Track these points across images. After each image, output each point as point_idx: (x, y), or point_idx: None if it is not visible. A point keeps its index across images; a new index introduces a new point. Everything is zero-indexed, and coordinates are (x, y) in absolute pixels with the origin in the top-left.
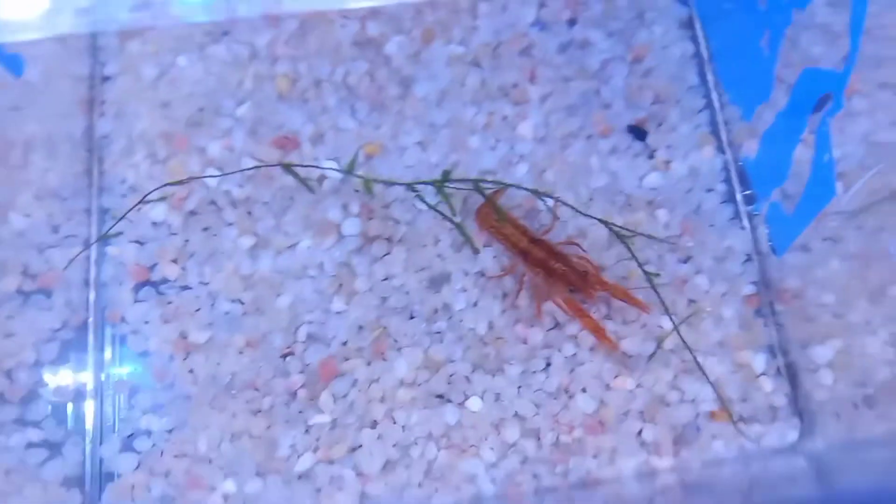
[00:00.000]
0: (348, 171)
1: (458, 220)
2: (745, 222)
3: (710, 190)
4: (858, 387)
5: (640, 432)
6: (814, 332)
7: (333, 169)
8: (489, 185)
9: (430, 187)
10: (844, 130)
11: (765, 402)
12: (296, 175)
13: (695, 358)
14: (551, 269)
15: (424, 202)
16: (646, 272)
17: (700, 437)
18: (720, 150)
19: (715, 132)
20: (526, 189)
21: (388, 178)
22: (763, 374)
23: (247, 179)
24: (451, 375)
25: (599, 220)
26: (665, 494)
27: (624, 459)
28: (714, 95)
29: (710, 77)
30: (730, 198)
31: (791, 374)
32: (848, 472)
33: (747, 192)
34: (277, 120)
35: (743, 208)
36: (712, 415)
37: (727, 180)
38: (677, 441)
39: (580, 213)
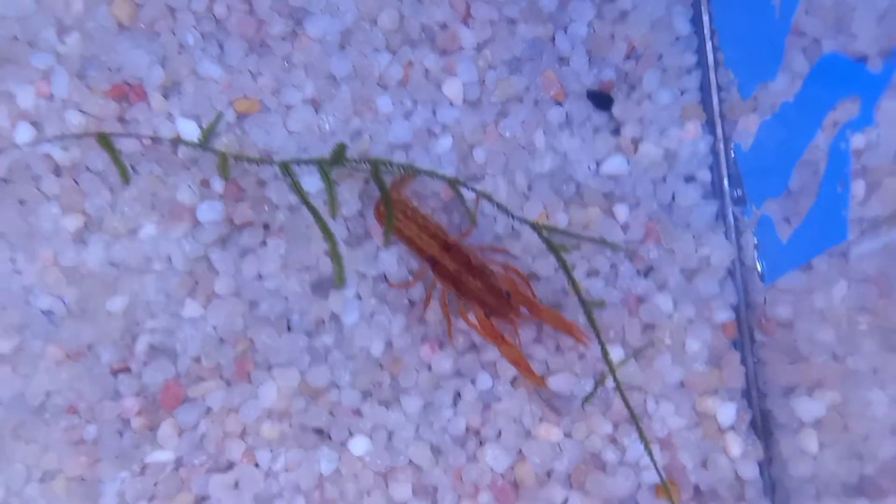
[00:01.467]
0: (204, 140)
1: (353, 211)
2: (731, 226)
3: (689, 179)
4: (853, 461)
5: (564, 503)
6: (802, 378)
7: (188, 142)
8: (396, 169)
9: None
10: (882, 108)
11: (729, 471)
12: (112, 154)
13: (631, 412)
14: (463, 286)
15: (299, 193)
16: (582, 301)
17: None
18: (709, 127)
19: (705, 102)
20: (442, 177)
21: (263, 147)
22: (731, 428)
23: (74, 139)
24: (333, 405)
25: (530, 225)
26: None
27: None
28: (708, 50)
29: (706, 26)
30: (715, 192)
31: (766, 433)
32: None
33: (738, 193)
34: (115, 60)
35: (731, 207)
36: (657, 491)
37: (714, 168)
38: None
39: (507, 213)
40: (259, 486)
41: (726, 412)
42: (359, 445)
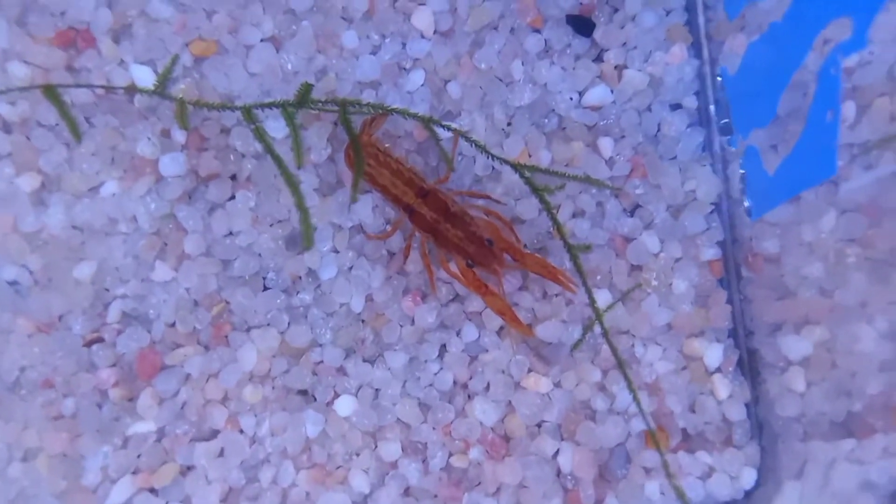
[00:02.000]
0: (160, 86)
1: (323, 158)
2: (718, 157)
3: (675, 107)
4: (840, 398)
5: (555, 454)
6: (789, 314)
7: (144, 89)
8: (366, 109)
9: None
10: (876, 24)
11: (717, 414)
12: (60, 107)
13: (619, 360)
14: (442, 235)
15: (262, 140)
16: (568, 245)
17: (630, 472)
18: (695, 50)
19: (691, 23)
20: (415, 116)
21: (224, 92)
22: (717, 370)
23: (21, 93)
24: (316, 365)
25: (511, 166)
26: None
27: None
28: None
29: None
30: (701, 121)
31: (753, 373)
32: None
33: (724, 121)
34: (58, 3)
35: (717, 137)
36: (647, 438)
37: (700, 94)
38: (601, 476)
39: (487, 152)
40: (245, 453)
41: (713, 354)
42: (345, 405)
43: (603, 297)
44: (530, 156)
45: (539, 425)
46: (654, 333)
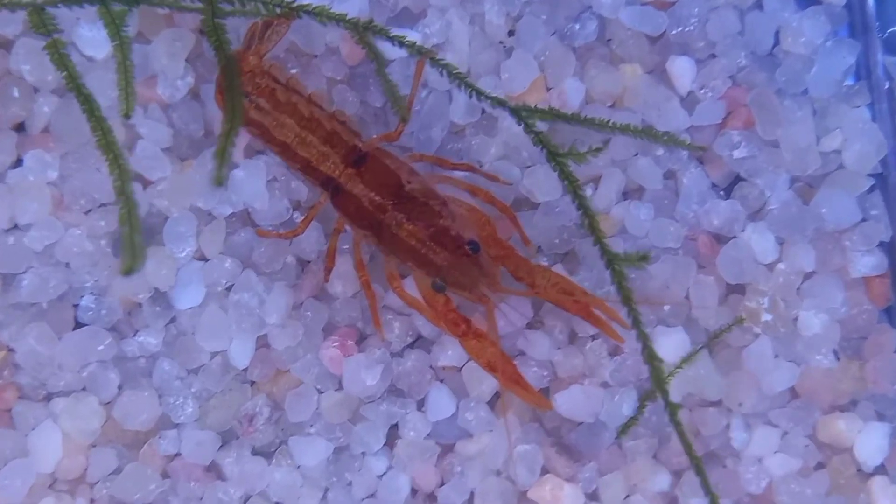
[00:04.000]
0: None
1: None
2: (882, 93)
3: (807, 2)
4: None
5: None
6: None
7: None
8: (254, 6)
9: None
10: None
11: None
12: None
13: (694, 460)
14: (392, 234)
15: (63, 64)
16: (608, 253)
17: None
18: None
19: None
20: (343, 21)
21: None
22: (879, 471)
23: None
24: (169, 462)
25: (510, 110)
26: None
27: None
28: None
29: None
30: (853, 25)
31: None
32: None
33: (894, 30)
34: None
35: (881, 56)
36: None
37: None
38: None
39: (471, 87)
40: None
41: (871, 441)
42: None
43: (675, 343)
44: (549, 90)
45: None
46: (765, 406)
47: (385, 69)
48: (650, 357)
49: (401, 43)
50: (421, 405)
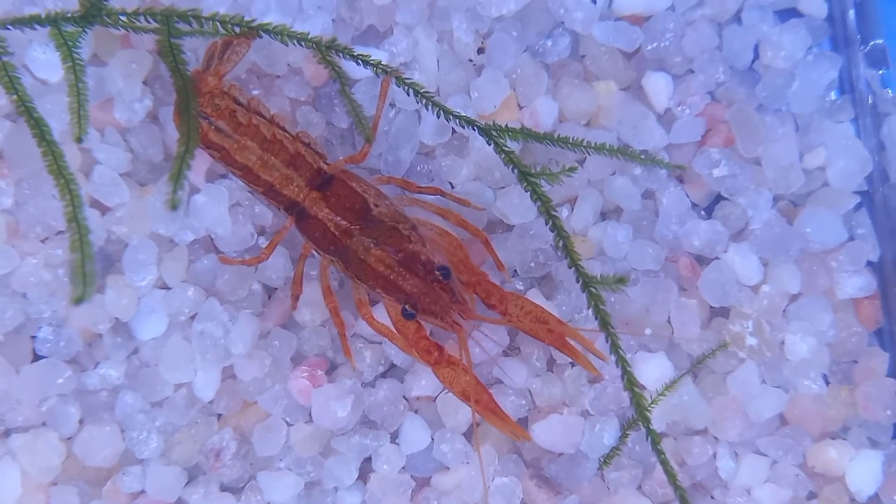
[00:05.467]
0: None
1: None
2: (865, 106)
3: (787, 14)
4: None
5: None
6: None
7: None
8: (212, 26)
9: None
10: None
11: None
12: None
13: (678, 490)
14: (359, 260)
15: (13, 87)
16: (583, 276)
17: None
18: None
19: None
20: (306, 41)
21: None
22: (874, 499)
23: None
24: (132, 500)
25: (479, 130)
26: None
27: None
28: None
29: None
30: (835, 40)
31: None
32: None
33: (875, 42)
34: None
35: (863, 69)
36: None
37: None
38: None
39: (440, 107)
40: None
41: (863, 470)
42: None
43: (657, 369)
44: (521, 108)
45: None
46: (752, 434)
47: (349, 89)
48: (630, 384)
49: (365, 62)
50: (394, 437)
